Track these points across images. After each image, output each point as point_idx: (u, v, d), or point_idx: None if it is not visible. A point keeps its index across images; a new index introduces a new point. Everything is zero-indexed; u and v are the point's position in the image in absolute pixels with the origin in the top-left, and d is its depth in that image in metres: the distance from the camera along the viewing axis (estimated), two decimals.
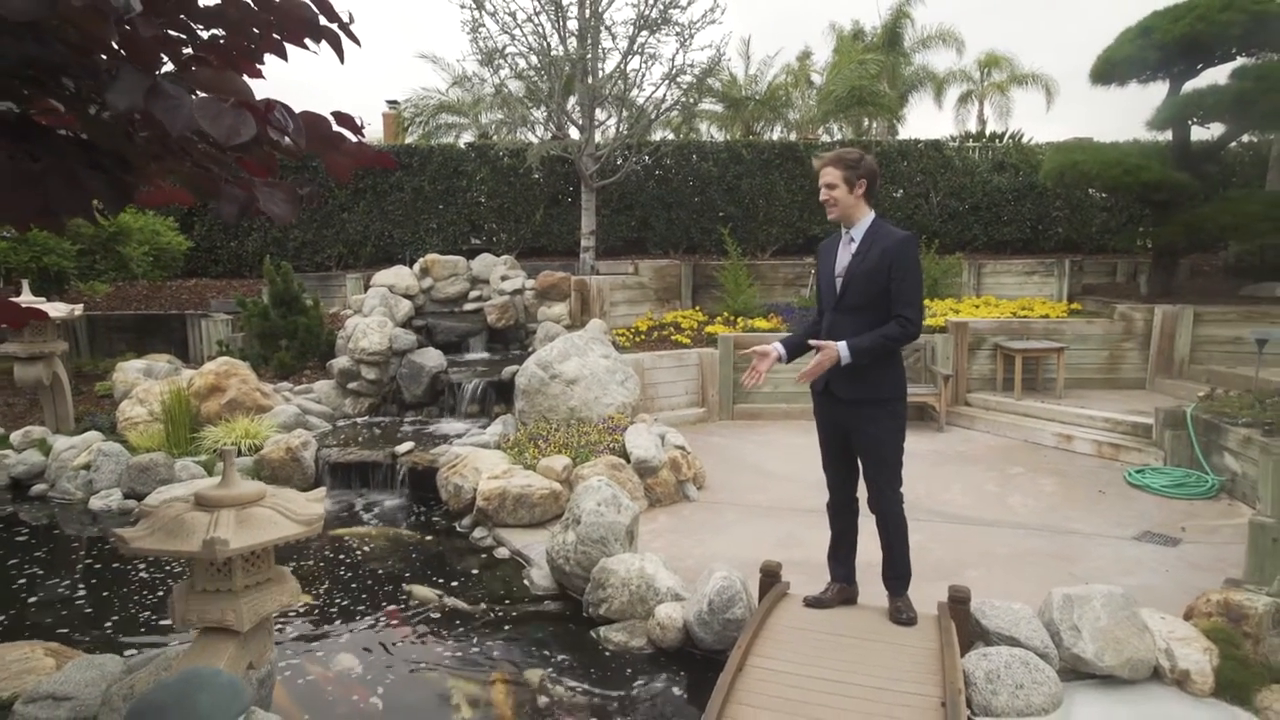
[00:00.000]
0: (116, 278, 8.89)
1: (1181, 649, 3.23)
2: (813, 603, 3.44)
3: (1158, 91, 9.19)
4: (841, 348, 3.06)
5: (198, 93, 1.72)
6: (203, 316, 8.94)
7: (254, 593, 2.30)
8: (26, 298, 6.58)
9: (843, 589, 3.49)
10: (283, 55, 2.27)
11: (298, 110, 2.06)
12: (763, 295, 10.22)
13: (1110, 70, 9.03)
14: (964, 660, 3.08)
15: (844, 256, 3.25)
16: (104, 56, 1.49)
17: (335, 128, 2.15)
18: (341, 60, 2.13)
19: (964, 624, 3.31)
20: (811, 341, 3.23)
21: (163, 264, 8.93)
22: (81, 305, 7.18)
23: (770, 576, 3.64)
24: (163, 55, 1.96)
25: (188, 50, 2.16)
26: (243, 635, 2.26)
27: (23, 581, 4.53)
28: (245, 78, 2.30)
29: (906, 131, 19.67)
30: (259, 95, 1.89)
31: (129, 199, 1.59)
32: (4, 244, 7.51)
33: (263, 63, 2.26)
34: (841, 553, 3.54)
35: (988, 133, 14.90)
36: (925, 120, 45.63)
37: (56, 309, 6.53)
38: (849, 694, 2.61)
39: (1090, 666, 3.20)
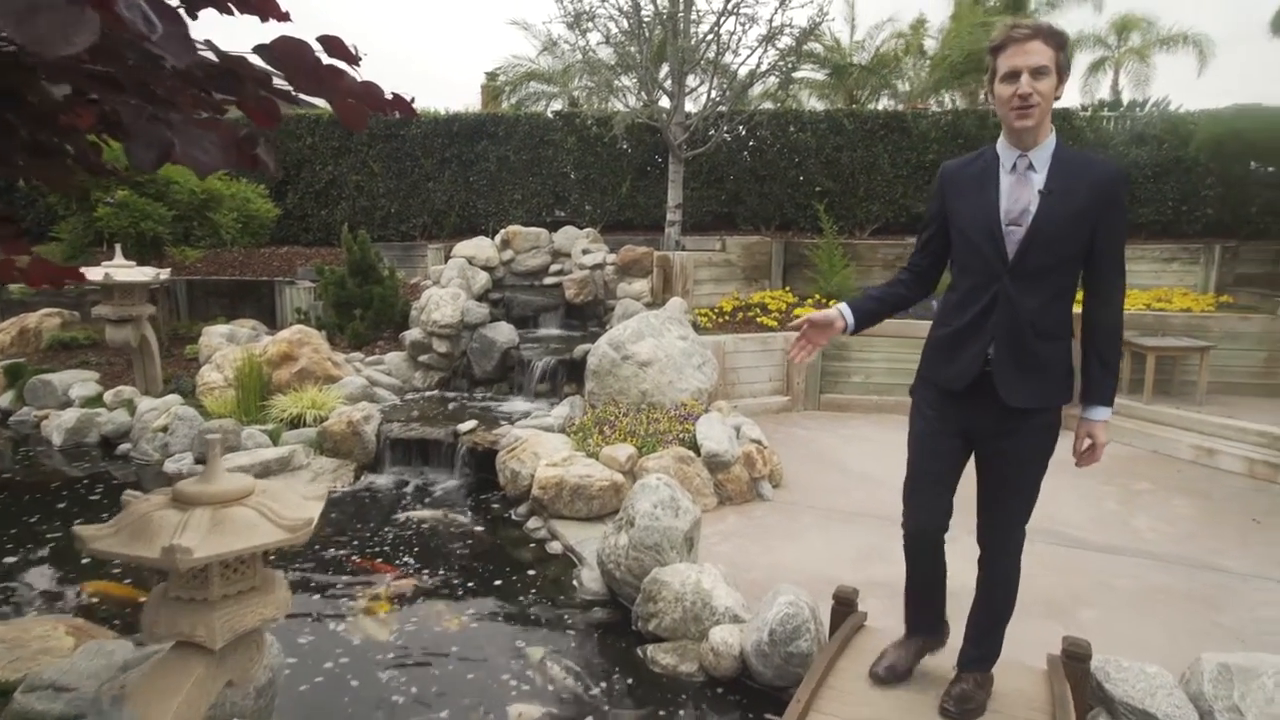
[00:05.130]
0: (210, 244, 9.12)
1: None
2: (883, 677, 2.58)
3: None
4: (1099, 414, 2.32)
5: None
6: (288, 283, 9.08)
7: (233, 604, 2.02)
8: (118, 260, 6.76)
9: (924, 644, 2.68)
10: None
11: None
12: (859, 277, 9.46)
13: None
14: None
15: (1019, 193, 2.24)
16: None
17: (326, 60, 1.79)
18: None
19: (1081, 687, 2.71)
20: (1083, 419, 2.35)
21: (251, 231, 9.10)
22: (169, 270, 7.33)
23: (844, 605, 3.13)
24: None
25: None
26: (217, 652, 1.99)
27: None
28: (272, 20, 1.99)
29: None
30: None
31: (50, 153, 1.28)
32: (107, 210, 7.76)
33: None
34: (926, 606, 2.67)
35: (1127, 102, 13.31)
36: None
37: (144, 273, 6.66)
38: None
39: None
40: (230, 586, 2.03)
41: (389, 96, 1.94)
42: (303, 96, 1.92)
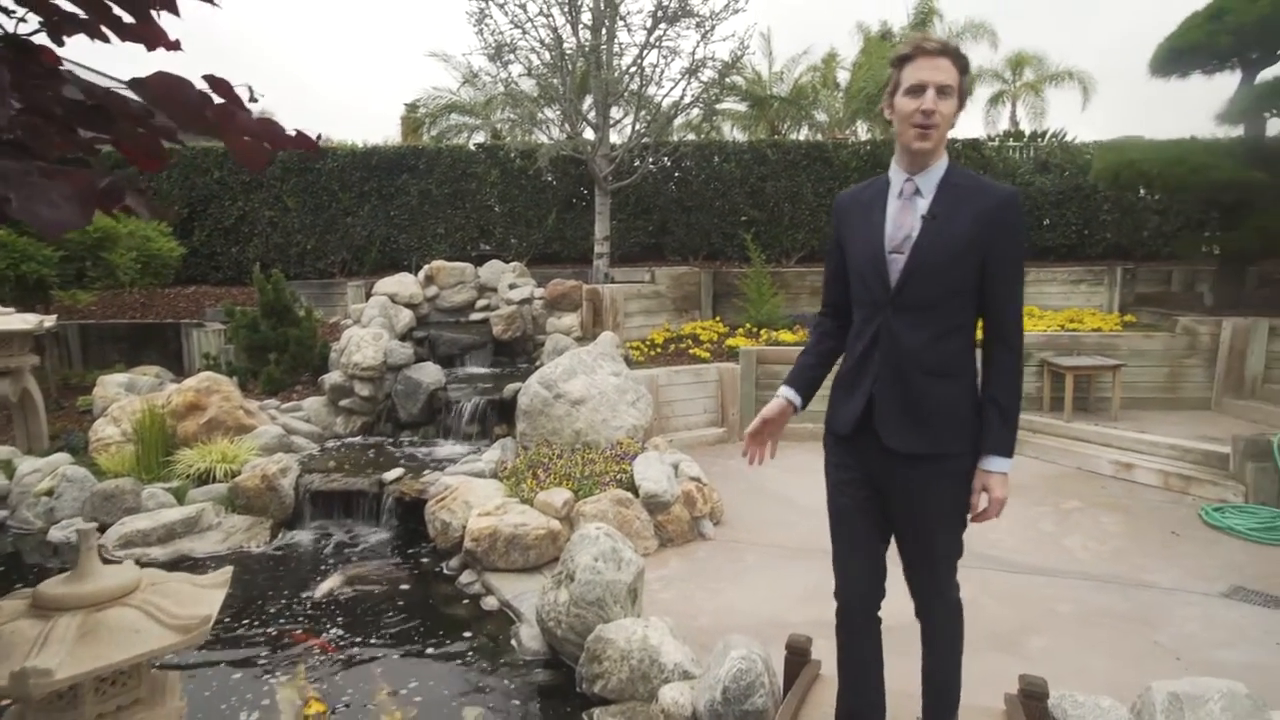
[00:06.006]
0: (106, 285, 8.46)
1: None
2: None
3: (1224, 85, 8.42)
4: (995, 465, 2.11)
5: None
6: (196, 326, 8.51)
7: None
8: None
9: None
10: (174, 10, 1.74)
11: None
12: (787, 305, 9.58)
13: (1176, 59, 8.23)
14: None
15: (903, 220, 2.09)
16: None
17: (217, 99, 1.60)
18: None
19: None
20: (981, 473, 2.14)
21: (153, 271, 8.49)
22: (55, 316, 6.73)
23: (798, 655, 3.02)
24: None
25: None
26: None
27: None
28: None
29: None
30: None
31: None
32: None
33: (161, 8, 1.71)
34: (865, 713, 2.35)
35: (1026, 133, 14.10)
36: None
37: (25, 320, 6.08)
38: None
39: None
40: (107, 703, 1.75)
41: (291, 133, 1.76)
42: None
